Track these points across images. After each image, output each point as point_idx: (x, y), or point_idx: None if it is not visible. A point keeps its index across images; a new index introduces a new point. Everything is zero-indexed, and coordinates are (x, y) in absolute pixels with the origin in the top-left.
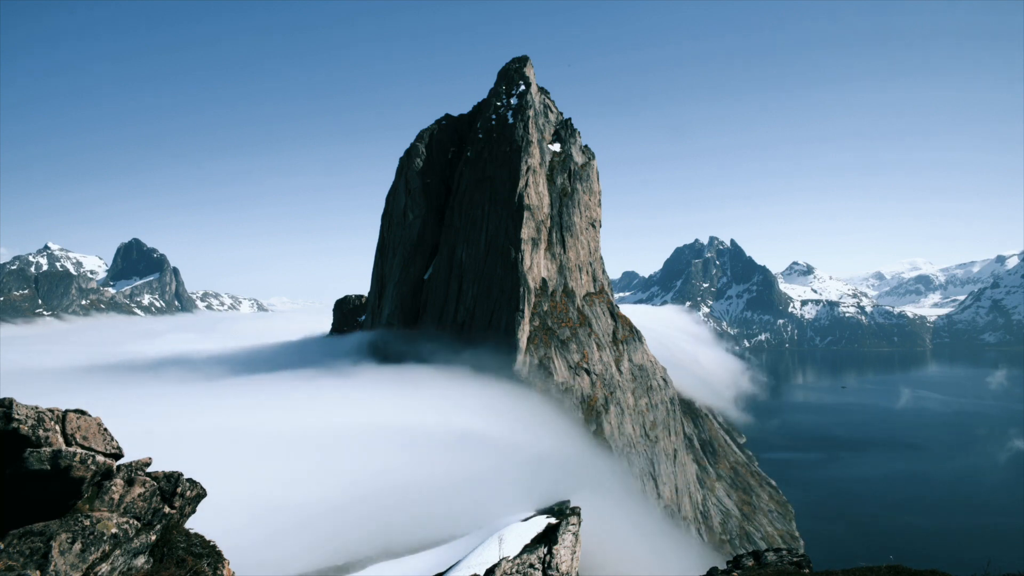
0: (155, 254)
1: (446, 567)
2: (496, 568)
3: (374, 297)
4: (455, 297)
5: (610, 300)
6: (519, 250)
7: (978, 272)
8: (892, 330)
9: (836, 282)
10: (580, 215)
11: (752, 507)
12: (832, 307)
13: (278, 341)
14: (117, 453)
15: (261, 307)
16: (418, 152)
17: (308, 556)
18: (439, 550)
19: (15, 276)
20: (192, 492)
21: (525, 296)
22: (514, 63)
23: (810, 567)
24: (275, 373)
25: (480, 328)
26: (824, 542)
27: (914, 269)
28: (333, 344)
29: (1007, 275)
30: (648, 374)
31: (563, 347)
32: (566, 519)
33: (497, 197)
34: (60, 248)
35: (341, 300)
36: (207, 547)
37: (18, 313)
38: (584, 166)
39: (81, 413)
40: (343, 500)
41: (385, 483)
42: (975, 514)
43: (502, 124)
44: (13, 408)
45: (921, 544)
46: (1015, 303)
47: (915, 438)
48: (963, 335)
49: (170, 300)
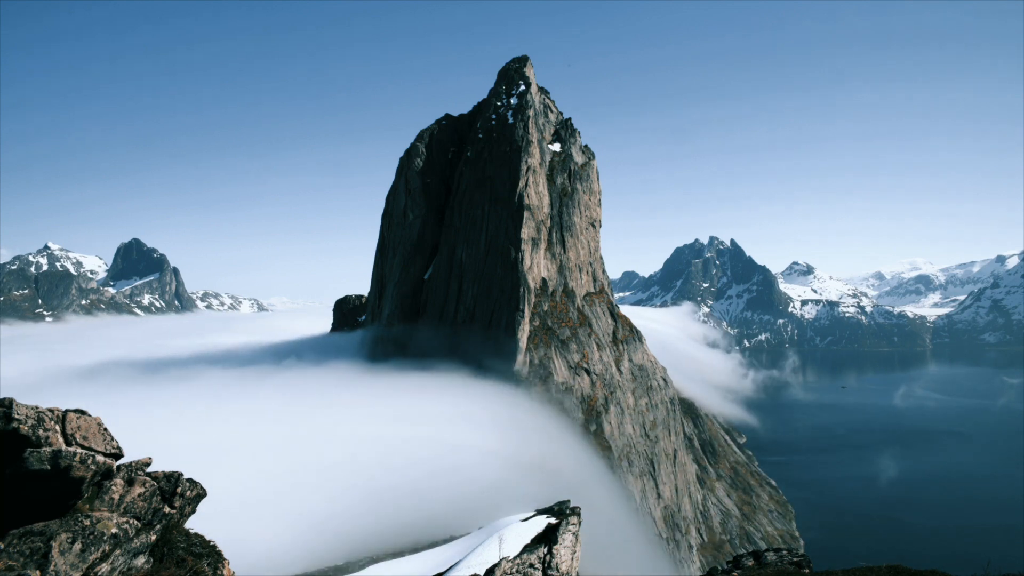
0: (155, 254)
1: (446, 567)
2: (496, 568)
3: (374, 297)
4: (455, 297)
5: (610, 300)
6: (519, 250)
7: (978, 272)
8: (892, 330)
9: (836, 282)
10: (580, 215)
11: (752, 507)
12: (832, 307)
13: (280, 340)
14: (117, 453)
15: (261, 307)
16: (418, 152)
17: (308, 556)
18: (439, 550)
19: (15, 276)
20: (192, 492)
21: (525, 296)
22: (514, 63)
23: (810, 567)
24: (275, 375)
25: (480, 328)
26: (824, 542)
27: (914, 269)
28: (334, 343)
29: (1007, 275)
30: (648, 374)
31: (563, 347)
32: (566, 519)
33: (497, 197)
34: (60, 248)
35: (341, 300)
36: (207, 547)
37: (18, 313)
38: (584, 166)
39: (81, 413)
40: (343, 500)
41: (385, 483)
42: (975, 514)
43: (502, 124)
44: (13, 408)
45: (921, 544)
46: (1015, 303)
47: (915, 438)
48: (963, 335)
49: (170, 300)
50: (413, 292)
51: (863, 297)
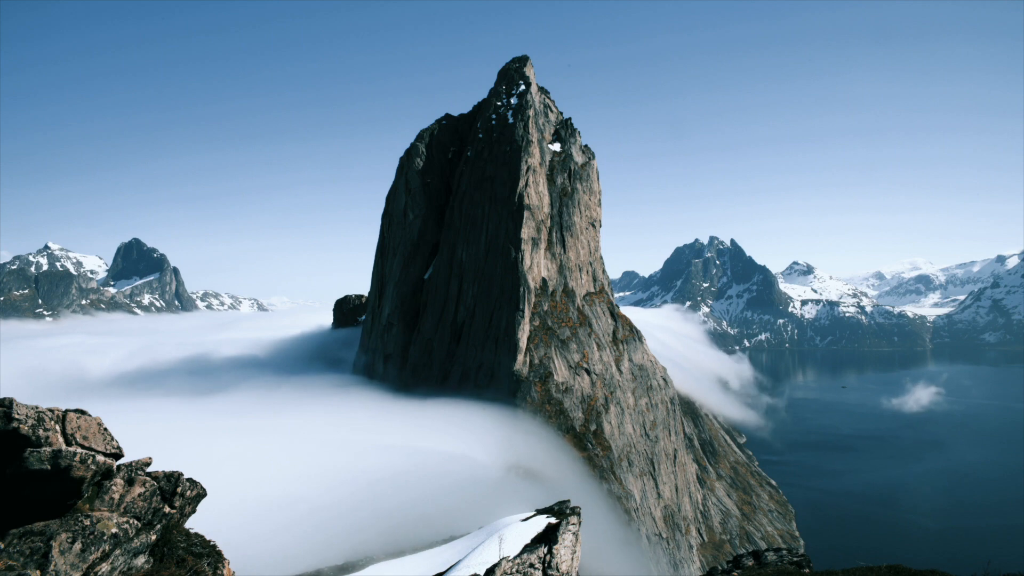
0: (155, 254)
1: (446, 567)
2: (496, 568)
3: (374, 297)
4: (455, 297)
5: (610, 300)
6: (519, 250)
7: (978, 272)
8: (892, 330)
9: (836, 282)
10: (580, 215)
11: (752, 507)
12: (832, 307)
13: (282, 338)
14: (117, 453)
15: (261, 307)
16: (418, 152)
17: (307, 556)
18: (439, 550)
19: (15, 276)
20: (192, 492)
21: (525, 296)
22: (514, 63)
23: (810, 567)
24: (274, 376)
25: (480, 328)
26: (824, 542)
27: (914, 269)
28: (332, 347)
29: (1007, 275)
30: (648, 374)
31: (563, 347)
32: (566, 519)
33: (497, 197)
34: (60, 248)
35: (341, 300)
36: (207, 547)
37: (18, 313)
38: (584, 166)
39: (81, 413)
40: (343, 500)
41: (385, 483)
42: (975, 514)
43: (502, 124)
44: (13, 408)
45: (921, 544)
46: (1015, 303)
47: (915, 438)
48: (963, 335)
49: (170, 300)
50: (413, 292)
51: (863, 297)
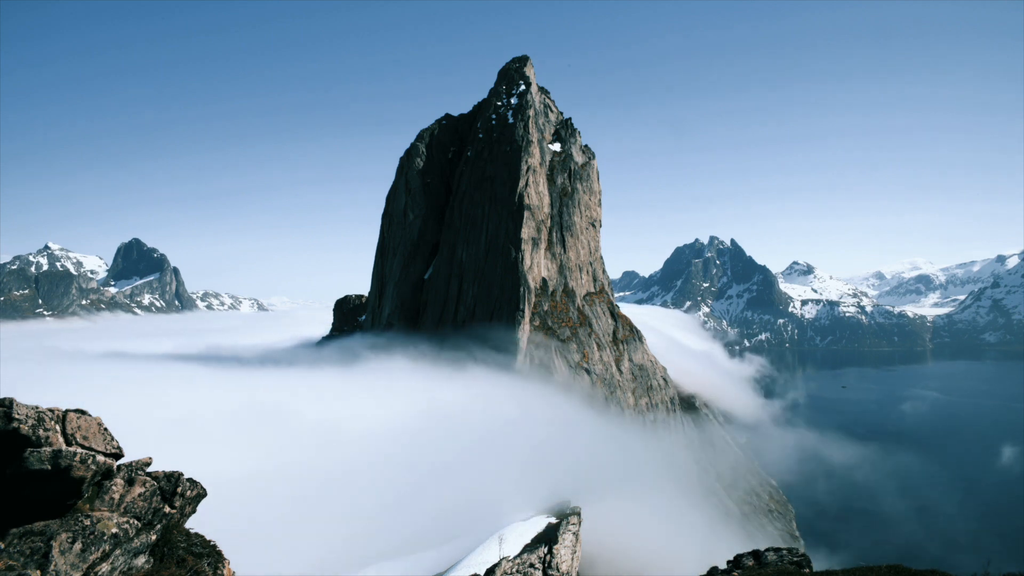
0: (155, 254)
1: (446, 567)
2: (496, 568)
3: (374, 297)
4: (455, 297)
5: (610, 300)
6: (519, 250)
7: (978, 272)
8: (892, 330)
9: (836, 282)
10: (580, 215)
11: (752, 506)
12: (832, 307)
13: (283, 340)
14: (117, 453)
15: (261, 307)
16: (418, 152)
17: (308, 556)
18: (439, 550)
19: (15, 276)
20: (192, 492)
21: (525, 296)
22: (514, 63)
23: (810, 567)
24: (272, 371)
25: (480, 328)
26: (824, 542)
27: (914, 269)
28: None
29: (1007, 275)
30: (648, 374)
31: (563, 347)
32: (566, 519)
33: (497, 197)
34: (60, 248)
35: (341, 300)
36: (207, 547)
37: (18, 313)
38: (584, 166)
39: (81, 413)
40: (343, 500)
41: (384, 483)
42: (975, 514)
43: (502, 124)
44: (13, 408)
45: (921, 544)
46: (1015, 303)
47: (915, 437)
48: (963, 335)
49: (170, 300)
50: (413, 292)
51: (863, 297)
